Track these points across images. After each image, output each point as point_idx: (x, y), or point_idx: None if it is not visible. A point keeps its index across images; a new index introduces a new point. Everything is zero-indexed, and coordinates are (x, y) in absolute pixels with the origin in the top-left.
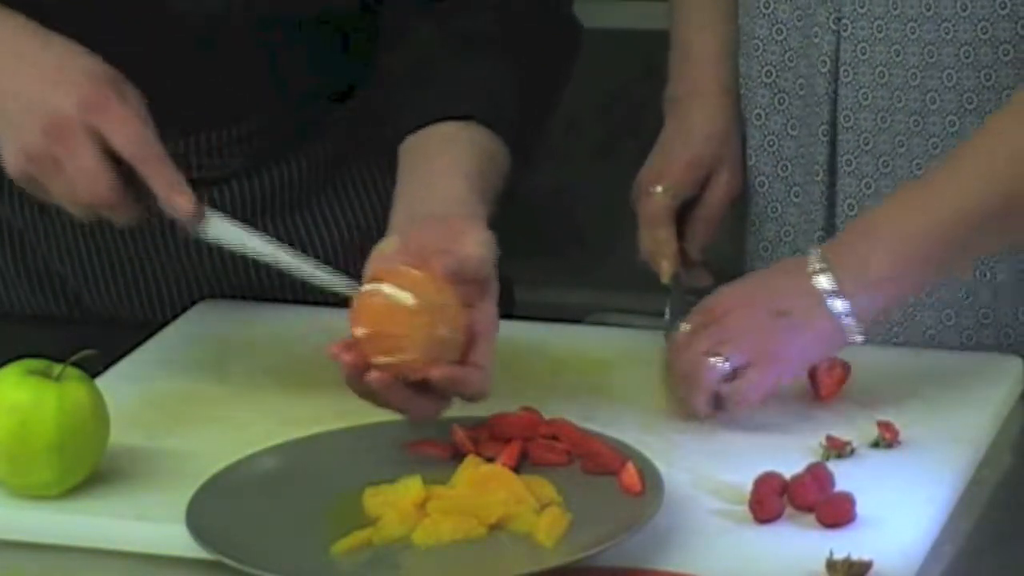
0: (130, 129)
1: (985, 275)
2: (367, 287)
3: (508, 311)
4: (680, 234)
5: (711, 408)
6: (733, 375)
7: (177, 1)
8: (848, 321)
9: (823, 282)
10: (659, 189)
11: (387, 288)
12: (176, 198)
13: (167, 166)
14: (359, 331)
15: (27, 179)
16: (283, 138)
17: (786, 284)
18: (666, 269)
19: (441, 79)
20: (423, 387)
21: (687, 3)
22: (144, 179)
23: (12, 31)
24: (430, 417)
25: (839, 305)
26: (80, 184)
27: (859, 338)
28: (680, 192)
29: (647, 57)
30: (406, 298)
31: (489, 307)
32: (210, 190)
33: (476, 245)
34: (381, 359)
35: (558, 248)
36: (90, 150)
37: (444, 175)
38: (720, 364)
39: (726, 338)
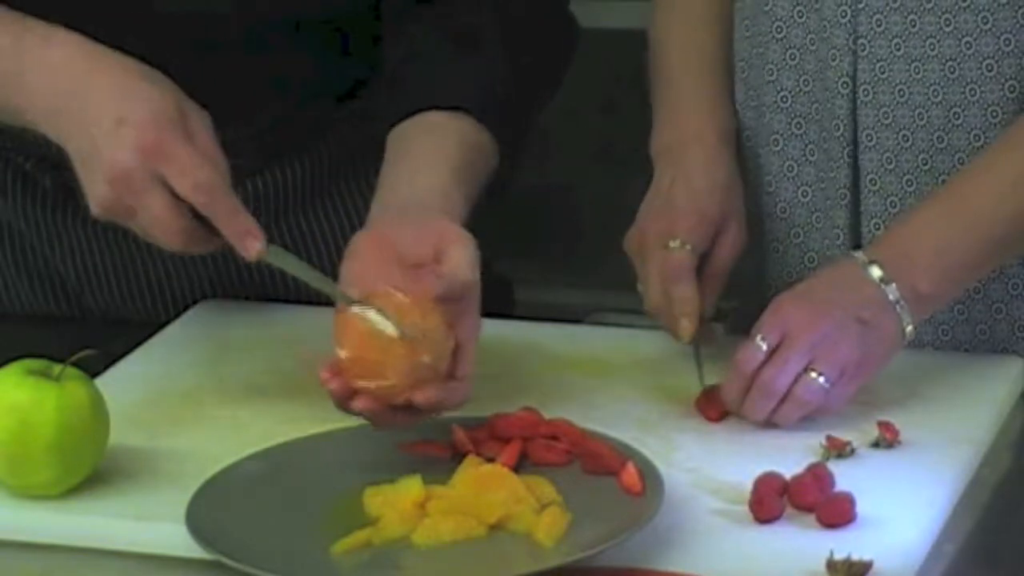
0: (194, 176)
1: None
2: (354, 308)
3: (508, 311)
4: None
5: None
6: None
7: (181, 2)
8: (910, 328)
9: (892, 292)
10: (675, 244)
11: (372, 314)
12: (247, 242)
13: (236, 210)
14: (343, 353)
15: (110, 219)
16: (288, 138)
17: (859, 294)
18: (687, 328)
19: (432, 71)
20: (407, 407)
21: (670, 47)
22: (215, 224)
23: (66, 58)
24: (416, 425)
25: (906, 315)
26: (155, 234)
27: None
28: (698, 247)
29: (646, 56)
30: (389, 327)
31: (472, 319)
32: None
33: (464, 267)
34: (362, 383)
35: (558, 248)
36: (158, 199)
37: (426, 167)
38: (820, 381)
39: (817, 354)
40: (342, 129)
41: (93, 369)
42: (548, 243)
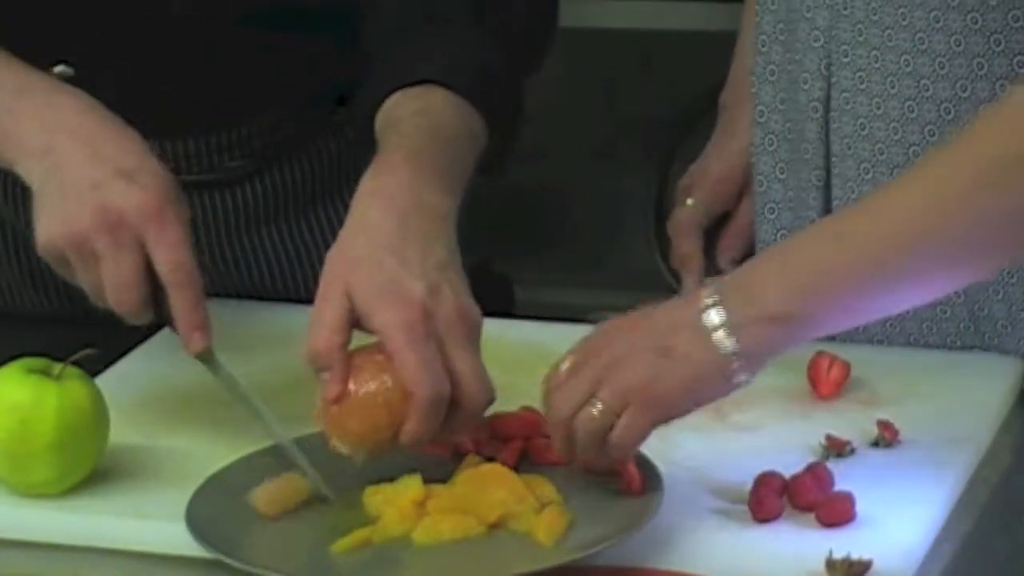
0: (177, 254)
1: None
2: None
3: (508, 311)
4: (714, 246)
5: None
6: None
7: (181, 2)
8: (734, 360)
9: (712, 316)
10: (690, 202)
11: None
12: (194, 336)
13: (199, 301)
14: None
15: (56, 255)
16: (287, 141)
17: (671, 319)
18: (688, 285)
19: (401, 48)
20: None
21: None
22: (172, 306)
23: (78, 112)
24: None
25: (726, 342)
26: (110, 287)
27: (744, 377)
28: (710, 208)
29: (645, 56)
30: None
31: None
32: (215, 195)
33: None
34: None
35: (558, 248)
36: (132, 260)
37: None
38: (594, 412)
39: (603, 378)
40: (342, 131)
41: (93, 369)
42: (548, 243)
